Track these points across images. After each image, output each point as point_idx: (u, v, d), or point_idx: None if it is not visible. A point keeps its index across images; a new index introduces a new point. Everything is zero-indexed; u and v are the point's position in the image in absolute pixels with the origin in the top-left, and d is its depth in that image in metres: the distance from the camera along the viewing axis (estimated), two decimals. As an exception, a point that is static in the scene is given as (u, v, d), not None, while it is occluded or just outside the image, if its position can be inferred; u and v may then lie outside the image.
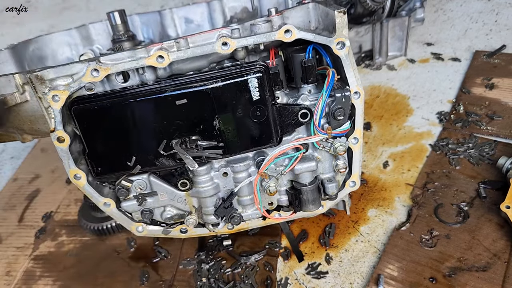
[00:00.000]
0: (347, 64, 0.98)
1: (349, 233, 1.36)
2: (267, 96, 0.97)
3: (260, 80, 0.95)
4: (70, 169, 1.01)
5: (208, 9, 1.57)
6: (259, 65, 0.97)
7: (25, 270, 1.45)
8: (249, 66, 0.97)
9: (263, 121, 0.99)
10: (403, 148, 1.64)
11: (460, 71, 1.97)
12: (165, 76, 1.01)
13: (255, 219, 1.19)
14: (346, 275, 1.25)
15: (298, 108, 1.02)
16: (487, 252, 1.21)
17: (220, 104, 0.96)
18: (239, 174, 1.10)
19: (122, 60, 0.93)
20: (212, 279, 1.28)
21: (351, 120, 1.06)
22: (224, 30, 0.96)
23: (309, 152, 1.11)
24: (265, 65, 0.97)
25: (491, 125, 1.62)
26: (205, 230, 1.20)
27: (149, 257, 1.40)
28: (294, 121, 1.03)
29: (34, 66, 1.46)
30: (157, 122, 0.97)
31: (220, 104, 0.96)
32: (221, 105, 0.96)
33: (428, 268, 1.20)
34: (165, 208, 1.16)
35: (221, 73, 0.97)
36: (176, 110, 0.96)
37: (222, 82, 0.94)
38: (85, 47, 1.55)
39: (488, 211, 1.32)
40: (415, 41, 2.25)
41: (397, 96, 1.93)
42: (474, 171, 1.46)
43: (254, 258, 1.32)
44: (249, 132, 1.01)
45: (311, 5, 1.01)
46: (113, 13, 1.31)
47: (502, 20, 2.23)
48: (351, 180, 1.15)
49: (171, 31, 1.58)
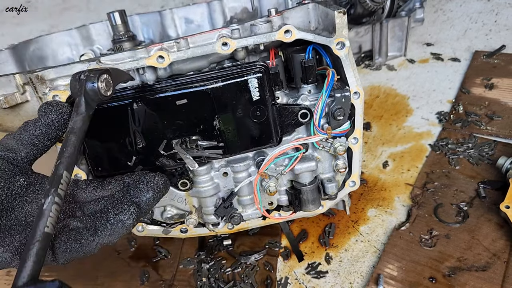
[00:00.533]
0: (347, 64, 0.98)
1: (349, 233, 1.37)
2: (267, 96, 0.97)
3: (260, 80, 0.95)
4: (70, 169, 1.01)
5: (208, 9, 1.57)
6: (259, 65, 0.97)
7: (26, 270, 1.46)
8: (249, 66, 0.97)
9: (263, 121, 0.99)
10: (402, 148, 1.65)
11: (459, 71, 1.97)
12: (165, 76, 1.01)
13: (255, 218, 1.19)
14: (346, 274, 1.26)
15: (298, 108, 1.02)
16: (487, 252, 1.21)
17: (220, 104, 0.96)
18: (239, 174, 1.10)
19: (122, 60, 0.94)
20: (212, 278, 1.29)
21: (351, 120, 1.07)
22: (224, 31, 0.96)
23: (309, 152, 1.11)
24: (265, 65, 0.98)
25: (490, 125, 1.62)
26: (205, 230, 1.20)
27: (150, 257, 1.41)
28: (294, 121, 1.03)
29: (35, 66, 1.46)
30: (157, 122, 0.97)
31: (220, 104, 0.96)
32: (221, 105, 0.97)
33: (428, 268, 1.20)
34: (165, 208, 1.16)
35: (221, 73, 0.97)
36: (176, 110, 0.96)
37: (222, 82, 0.95)
38: (85, 47, 1.55)
39: (487, 211, 1.32)
40: (414, 41, 2.25)
41: (396, 96, 1.93)
42: (474, 171, 1.46)
43: (254, 258, 1.32)
44: (249, 132, 1.01)
45: (311, 6, 1.01)
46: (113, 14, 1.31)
47: (501, 20, 2.24)
48: (351, 180, 1.16)
49: (172, 32, 1.58)
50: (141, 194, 0.81)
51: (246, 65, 0.98)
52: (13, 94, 0.95)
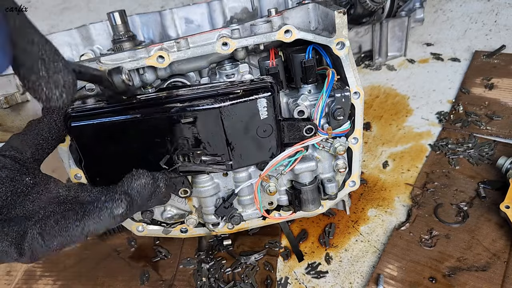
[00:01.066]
0: (347, 64, 0.98)
1: (349, 233, 1.37)
2: (274, 115, 0.95)
3: (269, 100, 0.92)
4: (70, 169, 1.02)
5: (208, 9, 1.57)
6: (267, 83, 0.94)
7: (26, 270, 1.46)
8: (258, 84, 0.94)
9: (269, 137, 0.98)
10: (402, 148, 1.65)
11: (459, 71, 1.97)
12: (166, 76, 1.01)
13: (255, 218, 1.19)
14: (346, 274, 1.26)
15: (304, 124, 1.00)
16: (487, 252, 1.21)
17: (227, 122, 0.93)
18: (240, 174, 1.10)
19: (122, 60, 0.94)
20: (212, 278, 1.29)
21: (351, 120, 1.07)
22: (224, 31, 0.96)
23: (309, 152, 1.11)
24: (272, 82, 0.95)
25: (490, 125, 1.62)
26: (205, 230, 1.20)
27: (150, 257, 1.41)
28: (299, 136, 1.01)
29: (35, 66, 1.46)
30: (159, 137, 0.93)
31: (227, 123, 0.93)
32: (228, 123, 0.93)
33: (428, 268, 1.20)
34: (165, 208, 1.16)
35: (228, 89, 0.93)
36: (180, 127, 0.92)
37: (230, 101, 0.91)
38: (85, 47, 1.55)
39: (487, 211, 1.32)
40: (414, 41, 2.25)
41: (396, 96, 1.93)
42: (474, 171, 1.46)
43: (254, 258, 1.32)
44: (254, 148, 0.99)
45: (311, 6, 1.01)
46: (113, 14, 1.31)
47: (501, 20, 2.24)
48: (350, 180, 1.16)
49: (172, 32, 1.58)
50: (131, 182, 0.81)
51: (255, 82, 0.95)
52: (13, 94, 0.96)
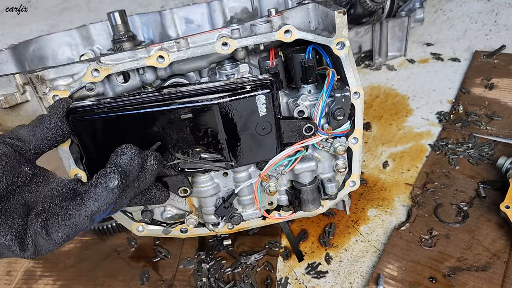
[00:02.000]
0: (347, 64, 0.98)
1: (349, 233, 1.37)
2: (273, 112, 0.95)
3: (268, 96, 0.92)
4: (70, 169, 1.01)
5: (208, 9, 1.57)
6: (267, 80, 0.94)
7: (26, 269, 1.46)
8: (257, 81, 0.94)
9: (268, 135, 0.98)
10: (402, 148, 1.65)
11: (459, 71, 1.97)
12: (166, 76, 1.01)
13: (255, 218, 1.19)
14: (346, 274, 1.26)
15: (303, 123, 1.00)
16: (487, 252, 1.21)
17: (226, 119, 0.93)
18: (239, 174, 1.10)
19: (122, 60, 0.93)
20: (212, 278, 1.29)
21: (351, 120, 1.06)
22: (224, 31, 0.96)
23: (309, 152, 1.11)
24: (272, 80, 0.95)
25: (490, 125, 1.62)
26: (205, 230, 1.20)
27: (150, 257, 1.41)
28: (299, 135, 1.02)
29: (35, 66, 1.46)
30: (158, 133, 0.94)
31: (226, 119, 0.93)
32: (227, 120, 0.94)
33: (428, 268, 1.20)
34: (165, 208, 1.16)
35: (227, 86, 0.93)
36: (180, 123, 0.93)
37: (229, 97, 0.91)
38: (85, 47, 1.55)
39: (487, 211, 1.32)
40: (414, 41, 2.25)
41: (396, 96, 1.93)
42: (474, 171, 1.46)
43: (254, 258, 1.32)
44: (253, 146, 0.99)
45: (311, 6, 1.01)
46: (113, 14, 1.31)
47: (501, 20, 2.24)
48: (350, 180, 1.16)
49: (172, 32, 1.58)
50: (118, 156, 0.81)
51: (254, 79, 0.95)
52: (13, 94, 0.95)
